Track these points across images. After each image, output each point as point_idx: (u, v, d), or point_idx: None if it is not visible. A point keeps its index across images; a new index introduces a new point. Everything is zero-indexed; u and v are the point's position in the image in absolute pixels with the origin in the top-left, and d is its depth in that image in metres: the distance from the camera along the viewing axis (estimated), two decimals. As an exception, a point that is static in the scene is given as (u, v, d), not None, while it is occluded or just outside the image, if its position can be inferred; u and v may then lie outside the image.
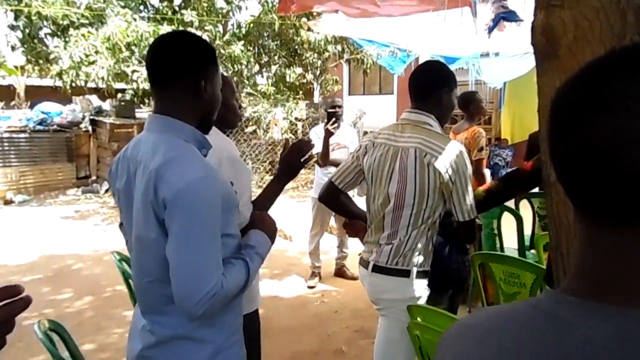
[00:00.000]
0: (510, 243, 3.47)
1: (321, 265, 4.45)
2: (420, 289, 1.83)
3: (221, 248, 1.16)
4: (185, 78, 1.21)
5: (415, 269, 1.81)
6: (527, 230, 3.54)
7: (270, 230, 1.39)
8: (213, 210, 1.13)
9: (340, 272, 4.50)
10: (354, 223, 2.07)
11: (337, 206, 2.13)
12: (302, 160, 1.77)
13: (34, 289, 4.39)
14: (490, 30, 3.10)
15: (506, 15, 2.98)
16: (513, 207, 3.59)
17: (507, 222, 3.40)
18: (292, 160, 1.75)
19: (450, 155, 1.75)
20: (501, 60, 7.68)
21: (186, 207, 1.09)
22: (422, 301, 1.83)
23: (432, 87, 1.88)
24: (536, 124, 4.93)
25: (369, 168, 1.92)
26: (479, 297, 3.61)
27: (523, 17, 2.97)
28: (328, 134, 3.90)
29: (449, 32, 5.11)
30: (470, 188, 1.79)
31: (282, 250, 5.47)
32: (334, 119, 3.95)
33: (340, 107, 4.14)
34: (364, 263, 1.94)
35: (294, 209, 6.62)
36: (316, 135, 4.22)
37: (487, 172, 3.74)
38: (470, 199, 1.79)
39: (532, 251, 3.55)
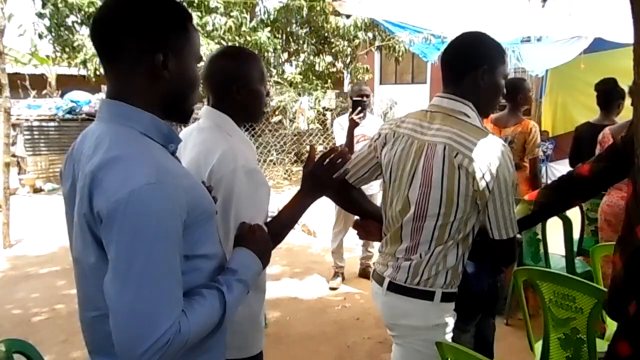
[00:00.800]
0: (554, 248, 3.08)
1: (344, 265, 4.17)
2: (446, 314, 1.50)
3: (181, 277, 0.88)
4: (136, 49, 0.92)
5: (440, 291, 1.47)
6: (575, 234, 3.14)
7: (261, 248, 1.10)
8: (168, 228, 0.85)
9: (365, 273, 4.21)
10: (366, 224, 1.72)
11: (347, 203, 1.77)
12: (333, 176, 1.41)
13: (49, 282, 4.29)
14: None
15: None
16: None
17: (551, 224, 3.02)
18: (319, 175, 1.39)
19: (489, 155, 1.37)
20: (544, 46, 7.14)
21: (127, 224, 0.82)
22: (448, 330, 1.50)
23: (467, 66, 1.48)
24: (582, 115, 4.51)
25: (387, 163, 1.56)
26: (517, 309, 3.26)
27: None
28: (353, 124, 3.61)
29: (487, 16, 4.69)
30: (512, 199, 1.41)
31: (305, 246, 5.21)
32: (359, 109, 3.65)
33: (367, 96, 3.85)
34: (377, 278, 1.60)
35: (319, 203, 6.32)
36: (339, 126, 3.95)
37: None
38: (511, 212, 1.41)
39: (580, 258, 3.17)
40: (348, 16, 8.51)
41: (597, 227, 3.07)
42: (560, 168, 7.55)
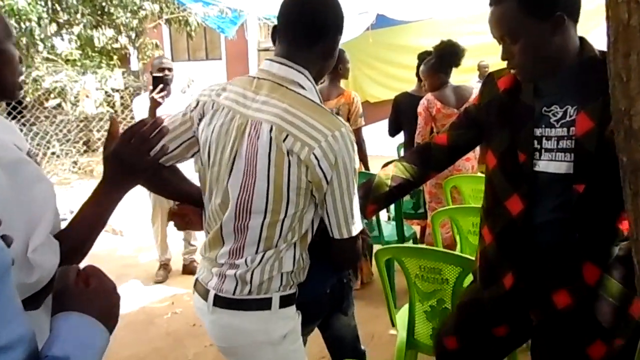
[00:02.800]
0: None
1: (170, 258, 3.76)
2: (290, 320, 1.26)
3: None
4: None
5: (277, 295, 1.23)
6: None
7: (103, 304, 0.70)
8: None
9: (190, 269, 3.80)
10: (185, 211, 1.37)
11: (156, 185, 1.38)
12: (150, 155, 1.06)
13: None
14: None
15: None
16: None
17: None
18: (126, 157, 1.05)
19: (326, 138, 1.13)
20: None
21: None
22: (297, 336, 1.29)
23: (324, 31, 1.22)
24: (370, 87, 4.99)
25: (204, 142, 1.24)
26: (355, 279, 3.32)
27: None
28: (154, 104, 3.12)
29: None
30: (354, 190, 1.20)
31: (112, 249, 4.47)
32: (161, 85, 3.17)
33: (170, 70, 3.40)
34: (201, 290, 1.29)
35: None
36: (140, 108, 3.42)
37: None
38: (353, 206, 1.20)
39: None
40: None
41: (417, 190, 3.28)
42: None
